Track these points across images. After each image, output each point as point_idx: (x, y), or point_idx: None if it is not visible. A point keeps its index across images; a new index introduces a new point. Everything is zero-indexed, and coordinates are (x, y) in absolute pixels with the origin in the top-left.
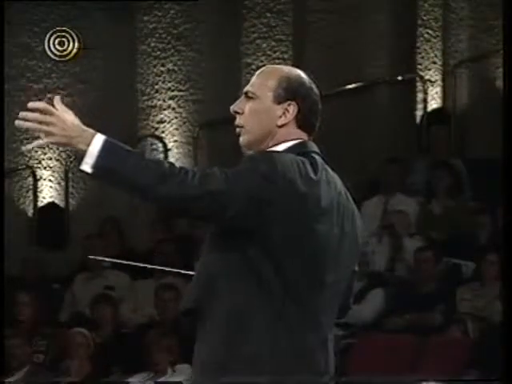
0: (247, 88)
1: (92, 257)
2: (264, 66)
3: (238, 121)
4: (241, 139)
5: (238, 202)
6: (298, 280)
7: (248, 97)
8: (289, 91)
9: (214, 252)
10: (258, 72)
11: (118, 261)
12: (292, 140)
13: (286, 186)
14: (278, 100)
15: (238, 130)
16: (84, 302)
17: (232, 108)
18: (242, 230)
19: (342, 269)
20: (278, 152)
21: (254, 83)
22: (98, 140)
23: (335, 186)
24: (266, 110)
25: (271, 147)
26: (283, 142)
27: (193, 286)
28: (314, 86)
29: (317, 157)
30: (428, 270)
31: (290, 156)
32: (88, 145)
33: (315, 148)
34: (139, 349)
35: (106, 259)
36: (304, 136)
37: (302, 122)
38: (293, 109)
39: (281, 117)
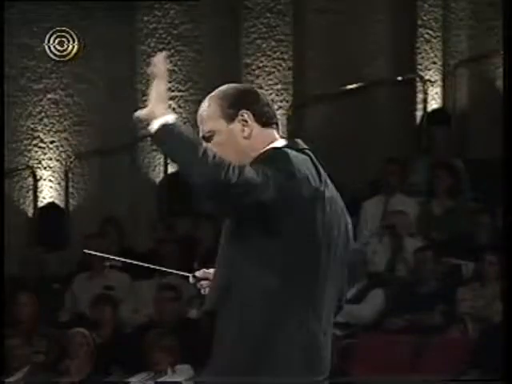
0: (201, 134)
1: (87, 251)
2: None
3: None
4: None
5: (266, 194)
6: (305, 275)
7: (207, 139)
8: (233, 103)
9: (232, 250)
10: (198, 114)
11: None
12: (278, 141)
13: (301, 181)
14: (231, 118)
15: None
16: (84, 302)
17: None
18: (260, 223)
19: (338, 268)
20: (286, 151)
21: (202, 123)
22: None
23: (330, 184)
24: (228, 136)
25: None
26: (269, 144)
27: (213, 287)
28: (248, 85)
29: (313, 155)
30: (428, 270)
31: (295, 153)
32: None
33: (305, 145)
34: (139, 349)
35: (100, 254)
36: (273, 131)
37: (262, 119)
38: (247, 115)
39: (243, 130)
